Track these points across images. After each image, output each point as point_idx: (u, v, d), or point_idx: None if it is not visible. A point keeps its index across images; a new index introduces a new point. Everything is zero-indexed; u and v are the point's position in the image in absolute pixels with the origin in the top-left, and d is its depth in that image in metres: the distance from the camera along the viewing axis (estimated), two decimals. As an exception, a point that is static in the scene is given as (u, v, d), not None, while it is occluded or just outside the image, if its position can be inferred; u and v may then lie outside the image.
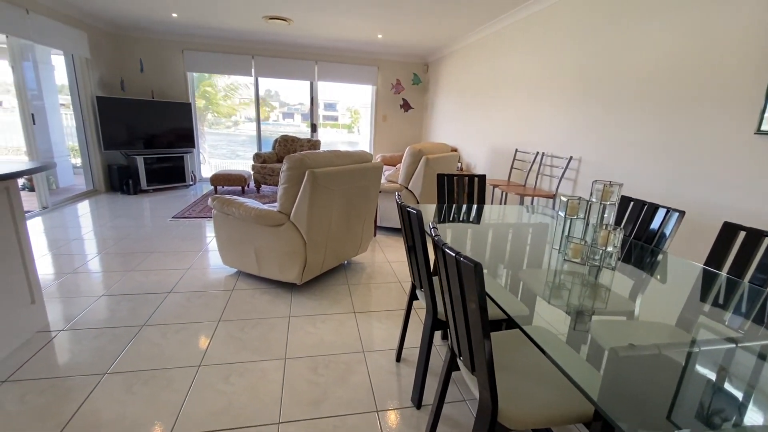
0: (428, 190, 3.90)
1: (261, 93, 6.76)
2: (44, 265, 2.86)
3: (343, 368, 1.85)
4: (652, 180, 2.51)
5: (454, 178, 2.44)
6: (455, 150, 5.60)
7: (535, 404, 1.03)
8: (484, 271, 0.91)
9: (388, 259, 3.34)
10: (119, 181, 5.49)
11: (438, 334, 2.20)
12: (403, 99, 7.16)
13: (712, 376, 0.81)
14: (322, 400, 1.63)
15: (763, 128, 1.87)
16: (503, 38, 4.39)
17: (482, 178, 2.46)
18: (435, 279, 1.81)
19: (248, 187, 6.00)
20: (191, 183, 6.34)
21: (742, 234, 1.44)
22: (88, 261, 2.99)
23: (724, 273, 1.40)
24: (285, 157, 2.39)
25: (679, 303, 1.16)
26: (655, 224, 1.70)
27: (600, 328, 0.99)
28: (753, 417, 0.71)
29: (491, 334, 1.28)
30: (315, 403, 1.61)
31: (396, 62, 6.93)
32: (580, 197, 1.48)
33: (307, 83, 6.85)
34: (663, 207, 1.68)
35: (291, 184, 2.39)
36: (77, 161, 5.88)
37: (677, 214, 1.61)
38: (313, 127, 7.07)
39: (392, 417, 1.56)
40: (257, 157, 5.97)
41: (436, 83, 6.59)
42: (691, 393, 0.75)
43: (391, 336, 2.15)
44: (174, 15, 4.93)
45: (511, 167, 4.10)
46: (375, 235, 3.98)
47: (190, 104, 6.12)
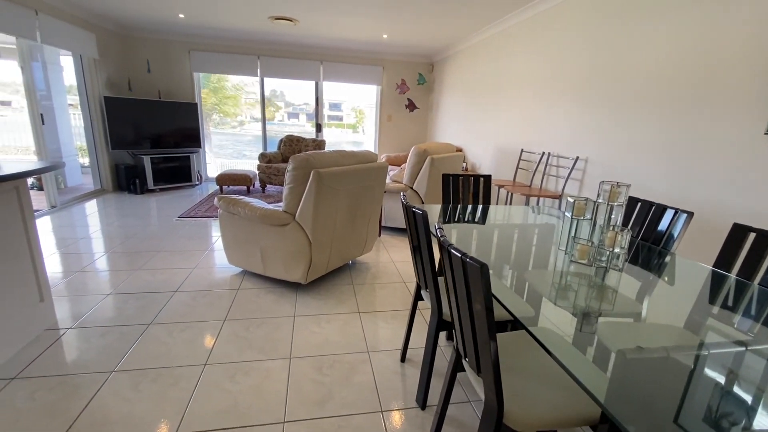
0: (433, 190, 3.90)
1: (266, 93, 6.79)
2: (53, 264, 2.89)
3: (348, 368, 1.85)
4: (660, 181, 2.49)
5: (460, 178, 2.43)
6: (460, 150, 5.58)
7: (541, 406, 1.03)
8: (490, 272, 0.90)
9: (393, 259, 3.34)
10: (126, 180, 5.54)
11: (443, 335, 2.20)
12: (408, 99, 7.15)
13: (720, 379, 0.80)
14: (327, 399, 1.64)
15: (774, 128, 1.85)
16: (509, 38, 4.37)
17: (488, 179, 2.46)
18: (440, 279, 1.81)
19: (253, 186, 6.02)
20: (197, 183, 6.38)
21: (752, 235, 1.42)
22: (95, 260, 3.02)
23: (733, 275, 1.38)
24: (290, 157, 2.40)
25: (688, 305, 1.15)
26: (663, 225, 1.68)
27: (607, 330, 0.98)
28: (762, 421, 0.70)
29: (497, 335, 1.28)
30: (320, 403, 1.61)
31: (401, 62, 6.93)
32: (587, 198, 1.47)
33: (313, 83, 6.87)
34: (671, 208, 1.66)
35: (296, 184, 2.40)
36: (85, 161, 5.95)
37: (686, 215, 1.59)
38: (318, 127, 7.08)
39: (397, 417, 1.56)
40: (262, 156, 6.00)
41: (441, 83, 6.58)
42: (699, 396, 0.74)
43: (395, 336, 2.15)
44: (181, 16, 4.97)
45: (517, 167, 4.08)
46: (380, 235, 3.98)
47: (196, 104, 6.16)
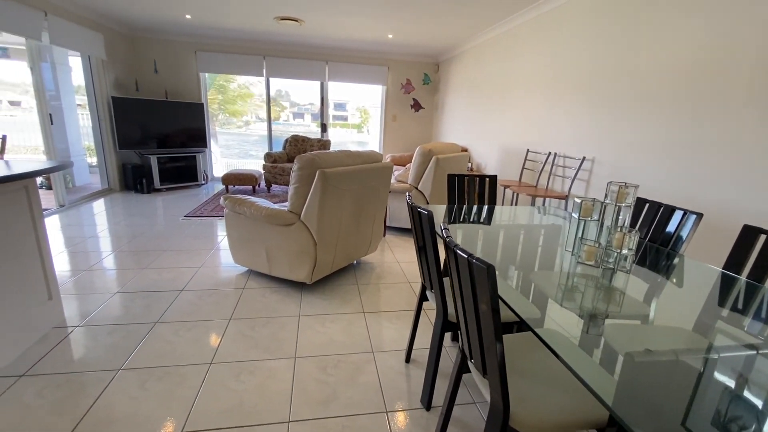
0: (438, 190, 3.89)
1: (272, 93, 6.81)
2: (61, 262, 2.92)
3: (353, 368, 1.85)
4: (668, 181, 2.46)
5: (465, 178, 2.42)
6: (465, 150, 5.56)
7: (548, 408, 1.02)
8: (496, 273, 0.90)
9: (398, 259, 3.33)
10: (133, 180, 5.59)
11: (447, 335, 2.19)
12: (413, 99, 7.14)
13: (730, 383, 0.79)
14: (332, 399, 1.64)
15: (785, 128, 1.82)
16: (514, 38, 4.35)
17: (493, 179, 2.44)
18: (445, 280, 1.80)
19: (259, 186, 6.05)
20: (203, 182, 6.42)
21: (763, 237, 1.40)
22: (103, 258, 3.05)
23: (743, 277, 1.36)
24: (296, 157, 2.40)
25: (696, 307, 1.14)
26: (671, 227, 1.66)
27: (614, 332, 0.97)
28: (775, 426, 0.68)
29: (502, 336, 1.27)
30: (324, 403, 1.61)
31: (406, 62, 6.92)
32: (594, 198, 1.46)
33: (318, 83, 6.88)
34: (680, 209, 1.64)
35: (302, 184, 2.40)
36: (93, 160, 6.01)
37: (695, 216, 1.57)
38: (323, 127, 7.09)
39: (402, 418, 1.56)
40: (268, 156, 6.02)
41: (446, 83, 6.56)
42: (708, 400, 0.73)
43: (400, 336, 2.15)
44: (187, 16, 5.00)
45: (523, 167, 4.06)
46: (384, 235, 3.98)
47: (202, 104, 6.20)
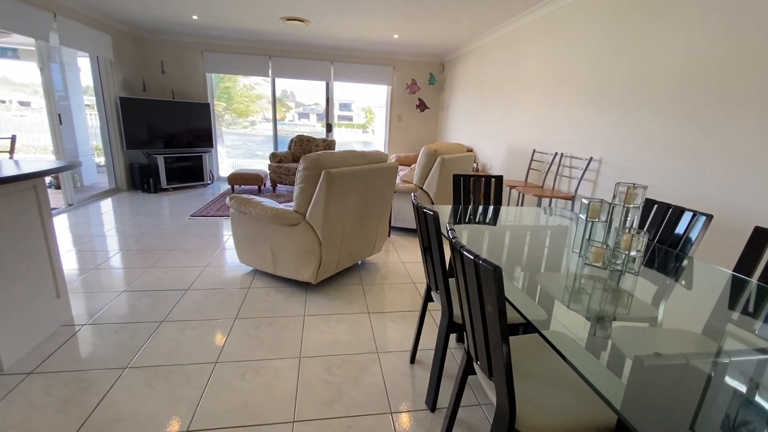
0: (443, 190, 3.87)
1: (277, 93, 6.83)
2: (69, 261, 2.95)
3: (357, 368, 1.85)
4: (677, 182, 2.43)
5: (471, 178, 2.41)
6: (471, 150, 5.55)
7: (554, 411, 1.01)
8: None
9: (402, 259, 3.33)
10: (140, 179, 5.64)
11: (452, 336, 2.18)
12: (419, 99, 7.13)
13: (740, 387, 0.78)
14: (336, 399, 1.64)
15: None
16: (521, 37, 4.32)
17: (499, 179, 2.43)
18: (450, 281, 1.80)
19: (264, 186, 6.07)
20: (209, 182, 6.46)
21: (775, 239, 1.38)
22: (110, 257, 3.08)
23: (754, 280, 1.34)
24: (301, 157, 2.41)
25: (706, 310, 1.12)
26: (680, 228, 1.64)
27: (622, 335, 0.96)
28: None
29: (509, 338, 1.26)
30: (329, 403, 1.61)
31: (411, 62, 6.91)
32: (602, 199, 1.44)
33: (323, 83, 6.89)
34: (689, 210, 1.62)
35: (307, 184, 2.41)
36: (101, 160, 6.07)
37: (704, 217, 1.55)
38: (329, 127, 7.10)
39: (406, 419, 1.55)
40: (273, 156, 6.04)
41: (451, 83, 6.54)
42: (718, 404, 0.72)
43: (405, 337, 2.14)
44: (194, 17, 5.03)
45: (529, 168, 4.03)
46: (389, 236, 3.97)
47: (208, 104, 6.23)
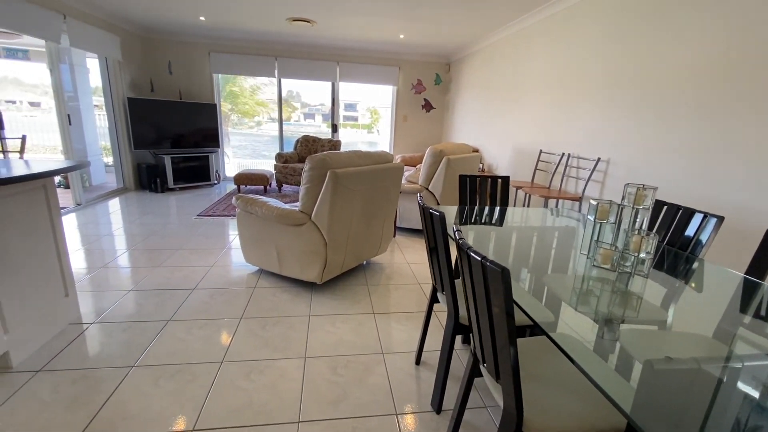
0: (449, 191, 3.86)
1: (283, 94, 6.86)
2: (77, 260, 2.98)
3: (362, 369, 1.84)
4: (686, 183, 2.40)
5: (477, 179, 2.40)
6: (477, 151, 5.52)
7: (562, 415, 1.00)
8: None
9: (408, 260, 3.32)
10: (148, 179, 5.68)
11: (458, 337, 2.17)
12: (424, 99, 7.12)
13: (753, 392, 0.76)
14: (342, 400, 1.63)
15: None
16: (527, 37, 4.30)
17: (506, 180, 2.42)
18: (456, 282, 1.79)
19: (270, 186, 6.09)
20: (215, 182, 6.50)
21: (788, 242, 1.36)
22: (117, 256, 3.10)
23: (767, 283, 1.31)
24: (307, 158, 2.41)
25: (717, 314, 1.10)
26: (690, 230, 1.61)
27: (631, 338, 0.95)
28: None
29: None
30: (334, 403, 1.61)
31: (417, 62, 6.90)
32: (611, 201, 1.43)
33: (329, 84, 6.91)
34: (699, 212, 1.60)
35: (313, 184, 2.41)
36: (109, 160, 6.12)
37: (715, 219, 1.53)
38: (334, 128, 7.12)
39: (412, 421, 1.54)
40: (279, 157, 6.06)
41: (457, 83, 6.52)
42: (730, 410, 0.71)
43: (410, 338, 2.13)
44: (201, 18, 5.06)
45: (535, 168, 4.01)
46: (394, 236, 3.97)
47: (215, 105, 6.27)
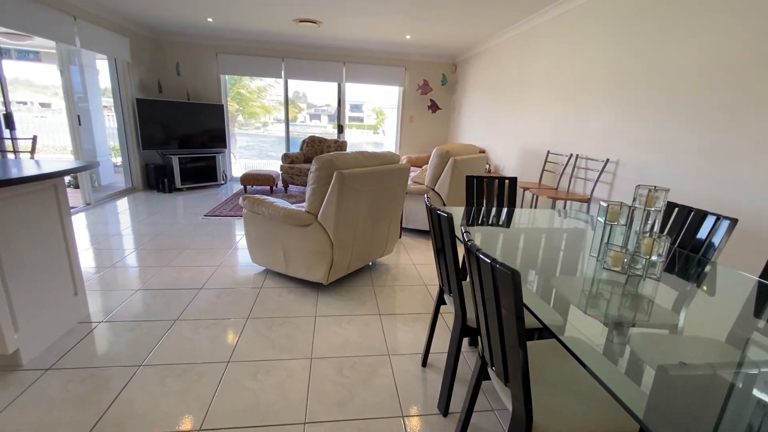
0: (455, 192, 3.85)
1: (289, 95, 6.88)
2: (86, 259, 3.01)
3: (369, 370, 1.84)
4: (698, 184, 2.37)
5: (484, 180, 2.39)
6: (483, 151, 5.50)
7: (572, 419, 0.99)
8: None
9: (413, 261, 3.31)
10: (155, 179, 5.73)
11: (465, 339, 2.16)
12: (430, 100, 7.10)
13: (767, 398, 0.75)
14: (348, 401, 1.63)
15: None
16: (534, 37, 4.27)
17: (513, 181, 2.40)
18: (463, 283, 1.77)
19: (276, 187, 6.11)
20: (222, 182, 6.54)
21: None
22: (125, 256, 3.13)
23: (782, 287, 1.29)
24: (314, 158, 2.41)
25: (730, 318, 1.08)
26: (702, 233, 1.59)
27: (641, 342, 0.93)
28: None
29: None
30: (340, 405, 1.61)
31: (423, 63, 6.89)
32: (621, 202, 1.41)
33: (334, 85, 6.92)
34: (712, 214, 1.57)
35: (319, 185, 2.41)
36: (117, 160, 6.18)
37: (728, 222, 1.50)
38: (340, 128, 7.13)
39: (418, 423, 1.53)
40: (285, 157, 6.08)
41: (464, 83, 6.50)
42: (745, 416, 0.69)
43: (416, 339, 2.12)
44: (209, 20, 5.10)
45: (543, 169, 3.98)
46: (400, 237, 3.96)
47: (222, 106, 6.31)
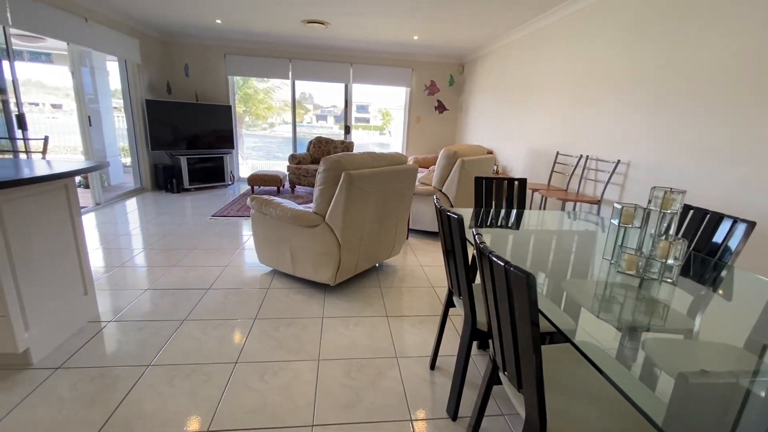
0: (463, 193, 3.82)
1: (296, 96, 6.90)
2: (95, 259, 3.03)
3: (376, 373, 1.82)
4: (713, 186, 2.32)
5: (493, 181, 2.36)
6: (491, 152, 5.46)
7: (587, 427, 0.96)
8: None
9: (421, 262, 3.29)
10: (164, 179, 5.78)
11: (474, 343, 2.13)
12: (438, 100, 7.08)
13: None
14: (355, 404, 1.62)
15: None
16: (543, 37, 4.23)
17: (522, 182, 2.37)
18: (473, 286, 1.75)
19: (283, 187, 6.13)
20: (230, 183, 6.57)
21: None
22: (134, 255, 3.15)
23: (802, 292, 1.25)
24: (322, 159, 2.41)
25: (749, 323, 1.05)
26: (719, 236, 1.55)
27: (656, 347, 0.91)
28: None
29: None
30: (348, 407, 1.59)
31: (431, 63, 6.87)
32: (636, 204, 1.38)
33: (341, 86, 6.93)
34: (729, 217, 1.54)
35: (327, 186, 2.40)
36: (127, 161, 6.25)
37: (745, 224, 1.47)
38: (347, 129, 7.13)
39: (427, 427, 1.52)
40: (292, 158, 6.10)
41: (471, 84, 6.47)
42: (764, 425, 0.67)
43: (424, 342, 2.11)
44: (218, 21, 5.13)
45: (552, 171, 3.94)
46: (407, 238, 3.94)
47: (230, 107, 6.35)
